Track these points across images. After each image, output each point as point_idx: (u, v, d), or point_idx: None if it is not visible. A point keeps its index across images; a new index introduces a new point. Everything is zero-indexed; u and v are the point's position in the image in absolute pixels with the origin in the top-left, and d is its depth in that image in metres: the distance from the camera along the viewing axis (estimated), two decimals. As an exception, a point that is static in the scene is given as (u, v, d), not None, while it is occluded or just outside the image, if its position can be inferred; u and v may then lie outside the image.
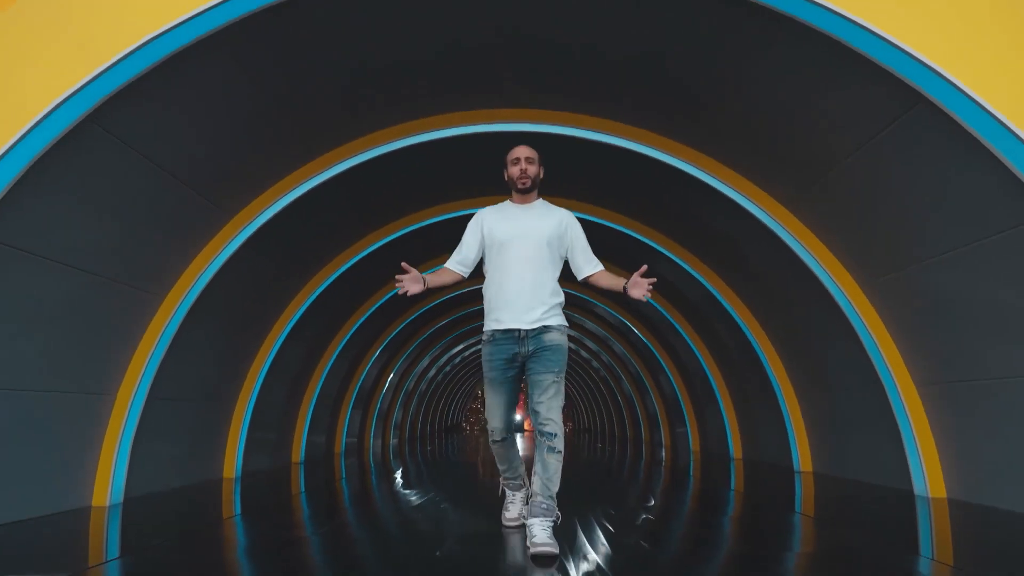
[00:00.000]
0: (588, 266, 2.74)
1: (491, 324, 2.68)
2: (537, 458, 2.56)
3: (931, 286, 3.35)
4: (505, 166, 2.79)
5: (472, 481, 5.68)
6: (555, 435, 2.52)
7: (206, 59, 2.77)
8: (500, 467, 2.93)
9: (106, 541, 2.93)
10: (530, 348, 2.60)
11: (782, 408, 5.62)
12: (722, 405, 7.21)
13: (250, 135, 3.65)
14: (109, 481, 3.72)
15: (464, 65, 3.68)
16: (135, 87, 2.62)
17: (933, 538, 2.84)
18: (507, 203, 2.83)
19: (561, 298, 2.72)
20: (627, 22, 3.17)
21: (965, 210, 2.85)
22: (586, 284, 2.77)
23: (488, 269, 2.78)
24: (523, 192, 2.76)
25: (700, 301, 6.31)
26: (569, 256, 2.76)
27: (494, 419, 2.76)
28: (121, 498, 3.80)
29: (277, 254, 4.81)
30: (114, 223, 3.28)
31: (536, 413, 2.57)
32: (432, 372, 14.56)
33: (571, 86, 3.89)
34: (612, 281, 2.69)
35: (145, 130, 2.96)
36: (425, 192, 5.37)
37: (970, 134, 2.48)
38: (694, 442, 8.75)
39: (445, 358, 14.54)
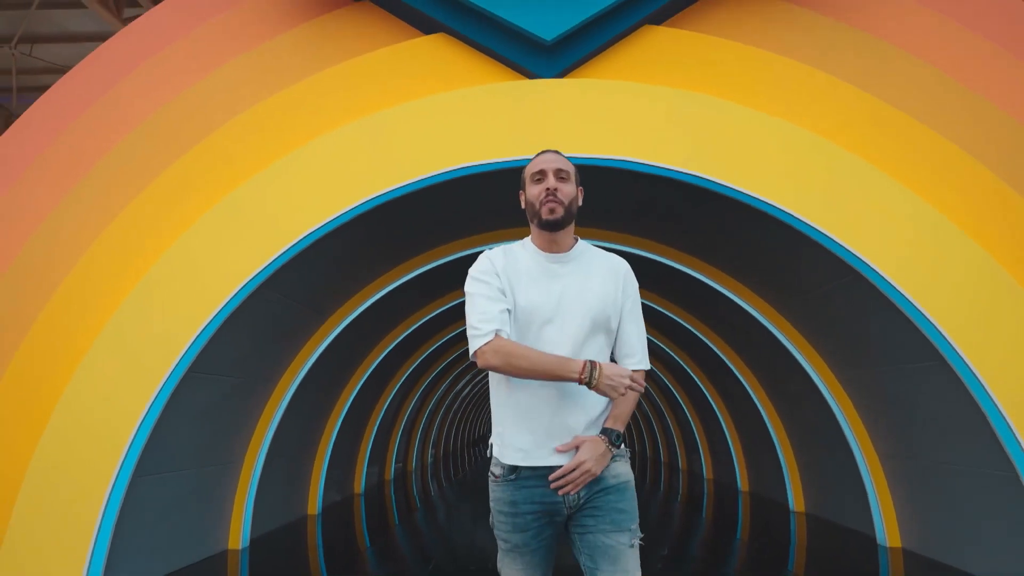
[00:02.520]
0: (634, 357, 1.69)
1: (509, 455, 1.61)
2: None
3: (883, 387, 4.28)
4: (522, 186, 1.74)
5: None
6: None
7: (339, 232, 3.80)
8: None
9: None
10: (581, 494, 1.57)
11: (778, 454, 6.54)
12: (731, 442, 8.13)
13: (352, 262, 4.70)
14: (240, 529, 4.79)
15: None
16: (290, 260, 3.68)
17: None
18: (527, 245, 1.74)
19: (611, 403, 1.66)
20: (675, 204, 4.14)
21: (892, 343, 3.78)
22: None
23: None
24: (551, 227, 1.66)
25: (707, 359, 7.27)
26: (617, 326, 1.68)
27: None
28: (248, 541, 4.88)
29: (360, 335, 5.87)
30: (252, 341, 4.33)
31: None
32: (458, 401, 15.63)
33: (602, 216, 4.88)
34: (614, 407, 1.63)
35: (285, 279, 4.01)
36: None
37: (887, 298, 3.42)
38: (707, 470, 9.67)
39: (468, 384, 15.59)
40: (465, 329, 1.67)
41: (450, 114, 3.63)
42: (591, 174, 3.73)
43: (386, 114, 3.67)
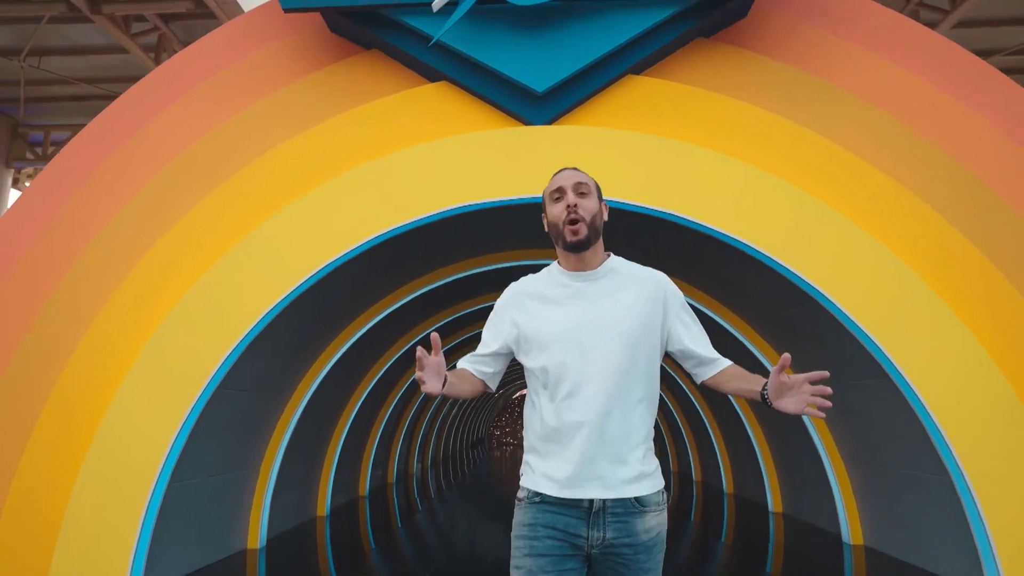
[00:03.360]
0: (711, 362, 1.66)
1: (537, 481, 1.57)
2: None
3: (844, 400, 4.70)
4: (543, 208, 1.71)
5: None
6: None
7: (352, 262, 4.21)
8: None
9: None
10: (607, 536, 1.51)
11: (758, 458, 6.97)
12: (716, 446, 8.57)
13: (362, 286, 5.11)
14: (259, 530, 5.20)
15: (515, 233, 5.11)
16: (309, 288, 4.09)
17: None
18: (554, 269, 1.69)
19: (653, 433, 1.63)
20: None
21: (845, 360, 4.20)
22: (703, 386, 1.73)
23: (531, 385, 1.66)
24: (576, 247, 1.61)
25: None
26: (673, 346, 1.65)
27: None
28: (265, 541, 5.28)
29: (367, 349, 6.29)
30: (271, 359, 4.75)
31: None
32: (456, 407, 16.01)
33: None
34: (744, 383, 1.63)
35: (303, 304, 4.42)
36: (471, 296, 6.84)
37: (833, 318, 3.85)
38: (696, 472, 10.10)
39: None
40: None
41: (452, 157, 4.06)
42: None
43: (394, 157, 4.09)
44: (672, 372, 8.85)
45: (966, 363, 3.56)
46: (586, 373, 1.54)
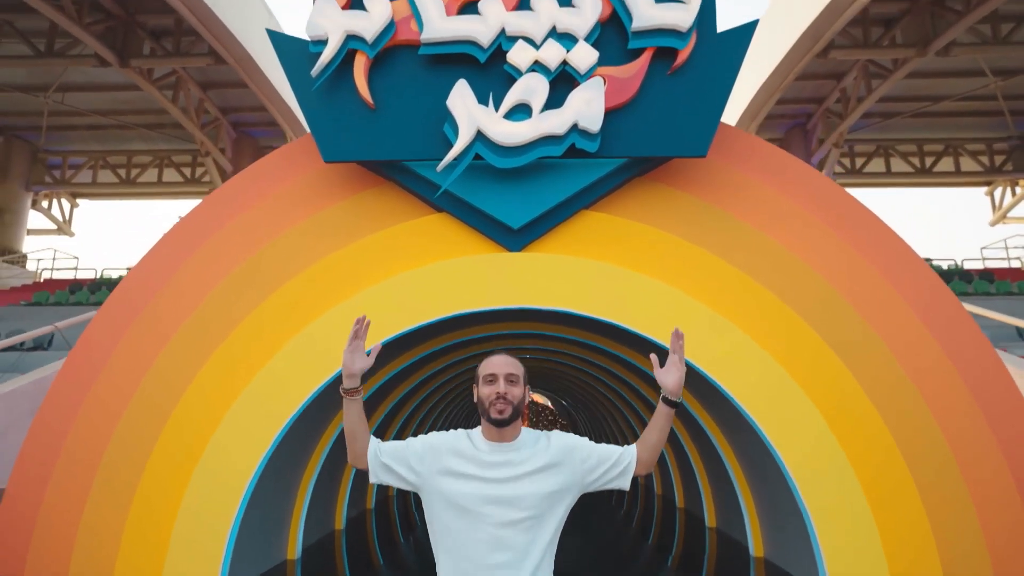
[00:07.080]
0: (627, 457, 2.04)
1: None
2: None
3: (745, 444, 6.20)
4: (476, 382, 2.03)
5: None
6: None
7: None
8: None
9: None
10: None
11: (695, 475, 8.50)
12: (670, 468, 10.09)
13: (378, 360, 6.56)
14: (296, 542, 6.65)
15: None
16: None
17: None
18: (476, 435, 2.02)
19: (555, 551, 1.96)
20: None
21: (738, 417, 5.69)
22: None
23: (438, 537, 1.95)
24: (499, 424, 1.94)
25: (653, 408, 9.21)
26: (595, 478, 2.02)
27: None
28: (301, 552, 6.73)
29: (373, 402, 7.75)
30: (314, 414, 6.18)
31: None
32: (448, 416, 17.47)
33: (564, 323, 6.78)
34: (656, 422, 2.04)
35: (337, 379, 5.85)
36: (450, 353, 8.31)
37: (724, 394, 5.35)
38: (657, 486, 11.64)
39: (450, 419, 17.45)
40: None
41: (450, 275, 5.50)
42: (548, 314, 5.62)
43: (408, 274, 5.53)
44: (639, 409, 10.36)
45: (811, 430, 5.07)
46: (494, 538, 1.85)
